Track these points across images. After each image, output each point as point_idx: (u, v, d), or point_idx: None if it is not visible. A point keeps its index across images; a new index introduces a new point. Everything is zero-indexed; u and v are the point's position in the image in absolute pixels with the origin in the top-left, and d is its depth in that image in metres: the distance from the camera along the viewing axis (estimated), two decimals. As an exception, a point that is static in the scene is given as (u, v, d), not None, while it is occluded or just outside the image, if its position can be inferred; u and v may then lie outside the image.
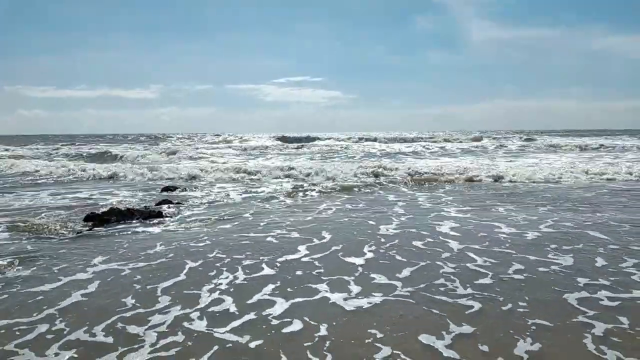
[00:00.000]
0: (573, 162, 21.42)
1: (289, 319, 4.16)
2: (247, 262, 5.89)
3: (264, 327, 4.04)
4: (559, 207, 9.48)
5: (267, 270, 5.56)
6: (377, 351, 3.52)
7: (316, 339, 3.77)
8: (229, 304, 4.56)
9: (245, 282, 5.21)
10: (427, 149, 36.67)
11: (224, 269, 5.66)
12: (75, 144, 49.83)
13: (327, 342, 3.71)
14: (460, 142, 46.53)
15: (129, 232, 7.55)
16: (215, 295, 4.80)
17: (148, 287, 5.08)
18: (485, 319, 4.04)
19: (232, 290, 4.94)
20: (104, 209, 8.74)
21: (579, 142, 38.88)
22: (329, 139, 53.65)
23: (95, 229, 7.75)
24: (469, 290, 4.73)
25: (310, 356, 3.49)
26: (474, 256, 5.95)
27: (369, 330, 3.88)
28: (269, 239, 7.13)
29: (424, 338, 3.71)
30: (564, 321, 3.95)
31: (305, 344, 3.67)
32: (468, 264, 5.61)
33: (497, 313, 4.17)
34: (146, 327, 4.08)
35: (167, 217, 8.68)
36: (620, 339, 3.60)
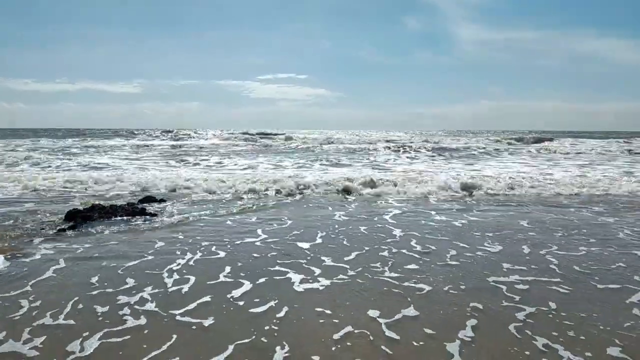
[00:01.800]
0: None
1: (252, 300, 4.02)
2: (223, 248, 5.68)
3: (223, 306, 3.88)
4: (481, 199, 9.76)
5: (223, 253, 5.38)
6: (333, 330, 3.41)
7: (275, 319, 3.60)
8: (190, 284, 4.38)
9: (204, 264, 5.02)
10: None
11: (189, 253, 5.44)
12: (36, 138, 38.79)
13: (285, 322, 3.55)
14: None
15: (112, 229, 6.58)
16: (177, 276, 4.60)
17: (116, 269, 4.82)
18: (429, 302, 3.99)
19: (191, 271, 4.75)
20: (86, 206, 7.79)
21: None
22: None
23: (78, 226, 6.66)
24: (410, 275, 4.68)
25: (267, 334, 3.35)
26: (414, 243, 5.97)
27: (321, 309, 3.79)
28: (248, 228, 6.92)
29: (374, 320, 3.61)
30: (496, 305, 3.95)
31: (265, 325, 3.51)
32: (406, 250, 5.62)
33: (440, 296, 4.12)
34: (110, 307, 3.85)
35: (150, 214, 7.61)
36: (545, 322, 3.61)
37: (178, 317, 3.64)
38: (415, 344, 3.24)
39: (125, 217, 7.32)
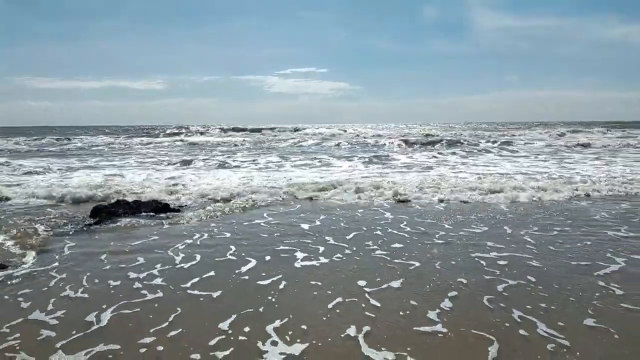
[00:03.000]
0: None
1: (256, 274, 4.06)
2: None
3: (229, 280, 3.91)
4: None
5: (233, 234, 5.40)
6: (328, 301, 3.44)
7: (277, 292, 3.64)
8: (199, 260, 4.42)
9: (215, 243, 5.07)
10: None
11: (197, 234, 5.46)
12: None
13: (287, 293, 3.59)
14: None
15: (135, 222, 6.24)
16: (188, 252, 4.65)
17: (126, 249, 4.87)
18: (416, 276, 3.97)
19: (198, 250, 4.80)
20: (112, 201, 7.31)
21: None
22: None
23: (103, 222, 6.22)
24: (402, 252, 4.68)
25: (268, 305, 3.37)
26: (405, 225, 5.98)
27: (316, 282, 3.82)
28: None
29: (364, 292, 3.60)
30: (478, 278, 3.94)
31: (268, 297, 3.55)
32: (398, 231, 5.63)
33: (427, 271, 4.11)
34: (121, 281, 3.91)
35: (174, 210, 7.04)
36: (523, 294, 3.60)
37: (189, 290, 3.67)
38: (401, 313, 3.24)
39: (150, 213, 6.75)
